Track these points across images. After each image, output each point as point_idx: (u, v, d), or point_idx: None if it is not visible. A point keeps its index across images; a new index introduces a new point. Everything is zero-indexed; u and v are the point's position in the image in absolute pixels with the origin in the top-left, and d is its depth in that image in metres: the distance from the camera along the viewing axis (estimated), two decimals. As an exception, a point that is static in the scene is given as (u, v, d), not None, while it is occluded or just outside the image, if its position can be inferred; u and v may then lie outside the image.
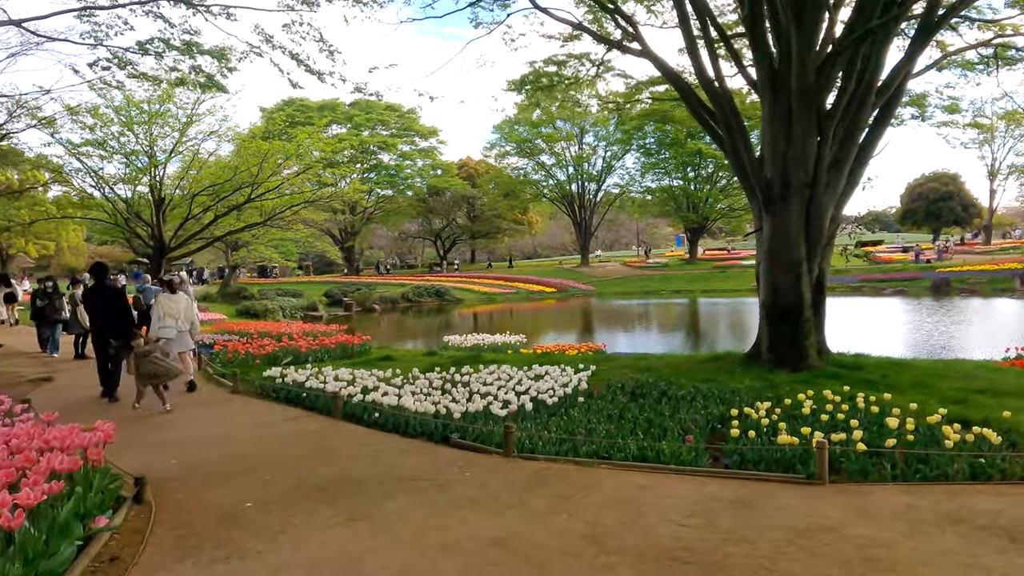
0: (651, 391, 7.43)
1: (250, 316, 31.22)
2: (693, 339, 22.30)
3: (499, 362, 10.97)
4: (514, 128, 61.96)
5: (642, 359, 11.37)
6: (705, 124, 10.74)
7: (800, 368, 9.27)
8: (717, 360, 10.40)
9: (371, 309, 39.54)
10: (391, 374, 8.48)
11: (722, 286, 48.27)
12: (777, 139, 9.30)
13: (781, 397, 7.10)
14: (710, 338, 22.44)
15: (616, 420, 6.24)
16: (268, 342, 12.12)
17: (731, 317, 30.51)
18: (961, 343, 18.00)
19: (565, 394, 7.17)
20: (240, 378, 8.92)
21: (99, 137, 18.10)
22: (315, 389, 7.41)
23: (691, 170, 58.44)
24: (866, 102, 9.13)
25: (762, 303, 9.88)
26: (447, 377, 8.27)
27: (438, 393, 7.26)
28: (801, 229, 9.40)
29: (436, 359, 11.31)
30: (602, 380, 8.45)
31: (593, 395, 7.40)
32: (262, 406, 7.46)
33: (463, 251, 78.22)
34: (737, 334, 23.10)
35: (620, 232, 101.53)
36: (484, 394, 7.16)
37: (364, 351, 12.60)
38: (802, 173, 9.22)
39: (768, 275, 9.69)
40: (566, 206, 63.01)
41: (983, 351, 13.29)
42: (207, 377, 9.87)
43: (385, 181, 61.37)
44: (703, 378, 8.77)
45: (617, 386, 7.67)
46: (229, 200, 21.58)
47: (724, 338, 22.15)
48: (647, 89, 14.97)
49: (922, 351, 16.70)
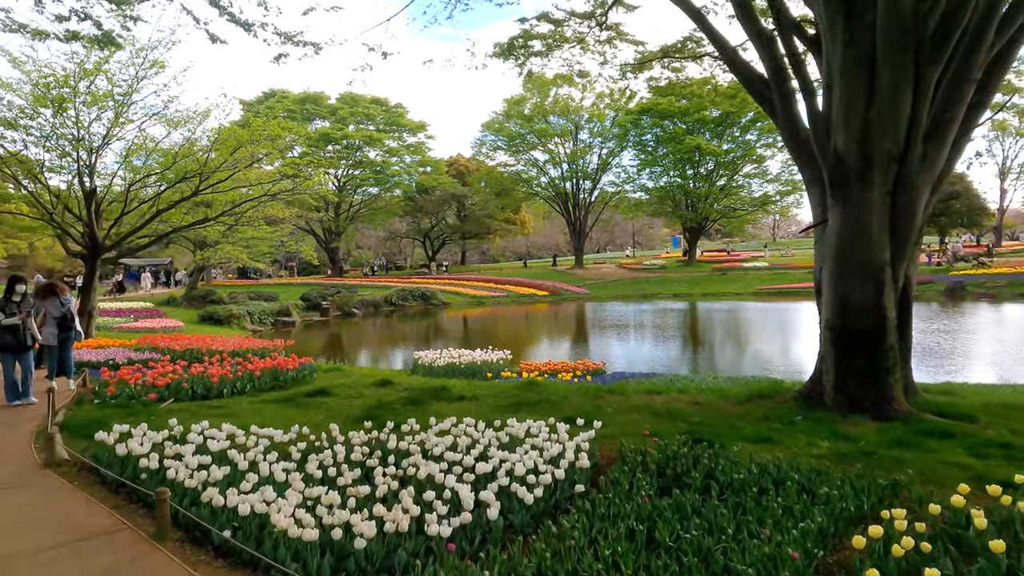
0: (688, 470, 4.75)
1: (213, 323, 28.43)
2: (706, 353, 19.65)
3: (468, 396, 8.27)
4: (504, 123, 59.21)
5: (657, 392, 8.68)
6: (747, 81, 8.05)
7: (885, 415, 6.62)
8: (762, 399, 7.72)
9: (351, 314, 36.73)
10: (294, 435, 5.56)
11: (722, 289, 45.85)
12: (853, 96, 6.62)
13: (898, 488, 4.44)
14: (726, 351, 19.80)
15: (644, 547, 3.56)
16: (175, 367, 9.41)
17: (739, 324, 27.90)
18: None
19: (555, 479, 4.48)
20: (66, 436, 6.00)
21: (8, 116, 15.28)
22: (149, 473, 4.62)
23: (690, 168, 55.83)
24: (985, 35, 6.43)
25: (826, 323, 7.21)
26: (379, 439, 5.52)
27: (352, 473, 4.56)
28: (884, 221, 6.75)
29: (387, 393, 8.60)
30: (610, 443, 5.76)
31: (599, 481, 4.73)
32: (65, 498, 4.50)
33: (453, 252, 75.38)
34: (754, 347, 20.48)
35: (615, 233, 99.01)
36: (425, 480, 4.46)
37: (300, 378, 9.89)
38: (889, 142, 6.55)
39: (835, 285, 7.03)
40: (560, 205, 60.27)
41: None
42: (35, 437, 6.10)
43: (371, 178, 58.37)
44: (754, 434, 6.09)
45: (635, 460, 4.96)
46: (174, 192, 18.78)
47: (741, 352, 19.50)
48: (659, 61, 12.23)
49: (993, 371, 14.15)
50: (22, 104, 15.28)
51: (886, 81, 6.41)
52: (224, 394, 8.72)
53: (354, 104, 57.24)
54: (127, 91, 17.35)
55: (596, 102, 57.49)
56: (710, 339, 23.53)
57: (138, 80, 17.33)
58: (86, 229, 17.84)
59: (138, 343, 14.26)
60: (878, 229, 6.72)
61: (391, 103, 59.52)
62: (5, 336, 7.96)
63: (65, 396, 8.29)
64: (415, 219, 64.35)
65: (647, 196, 59.40)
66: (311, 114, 56.57)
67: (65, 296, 9.19)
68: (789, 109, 7.38)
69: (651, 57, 11.95)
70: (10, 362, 8.14)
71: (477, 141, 63.73)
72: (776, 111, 7.58)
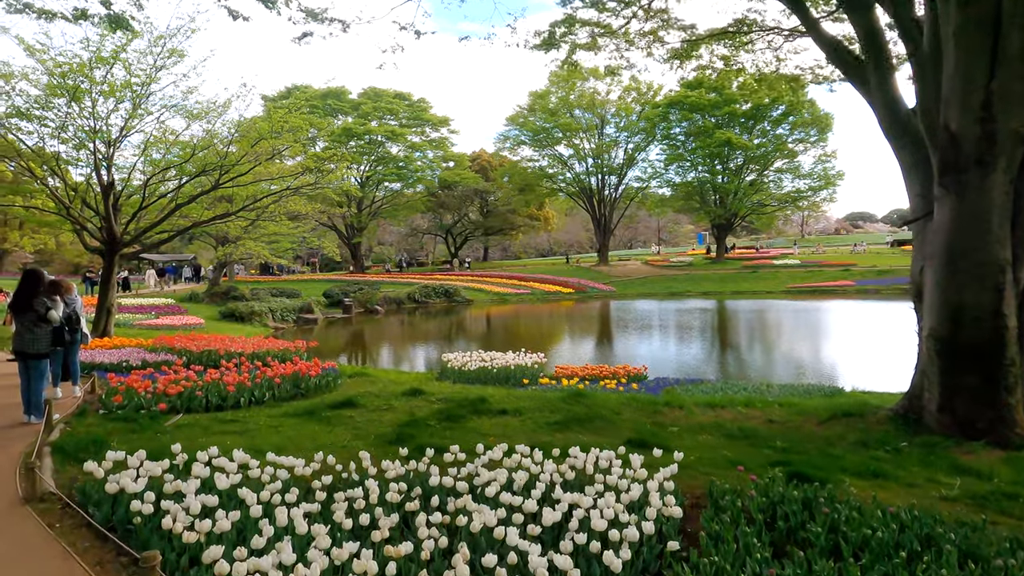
0: (802, 520, 3.82)
1: (234, 320, 27.90)
2: (750, 357, 18.58)
3: (510, 410, 7.38)
4: (529, 117, 58.19)
5: (720, 405, 7.72)
6: (835, 53, 7.04)
7: (1004, 441, 5.64)
8: (848, 418, 6.73)
9: (373, 311, 36.07)
10: (317, 464, 4.62)
11: (753, 287, 44.54)
12: (971, 64, 5.60)
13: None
14: (771, 356, 18.67)
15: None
16: (188, 374, 8.63)
17: (778, 326, 26.71)
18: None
19: (642, 534, 3.58)
20: (58, 460, 5.10)
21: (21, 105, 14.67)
22: (143, 518, 3.68)
23: (718, 163, 54.41)
24: None
25: (929, 332, 6.21)
26: (417, 471, 4.60)
27: (389, 520, 3.69)
28: (1007, 213, 5.74)
29: (419, 405, 7.74)
30: (690, 475, 4.83)
31: (688, 529, 3.82)
32: (39, 548, 3.62)
33: (475, 248, 74.54)
34: (801, 351, 19.34)
35: (638, 229, 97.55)
36: (480, 534, 3.58)
37: (323, 385, 9.07)
38: (1016, 119, 5.54)
39: (943, 288, 6.02)
40: (584, 201, 59.12)
41: None
42: (23, 461, 4.95)
43: (393, 174, 57.67)
44: (857, 466, 5.12)
45: (732, 505, 4.03)
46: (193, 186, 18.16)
47: (788, 357, 18.38)
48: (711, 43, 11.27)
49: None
50: (37, 95, 14.65)
51: (1014, 45, 5.40)
52: (241, 404, 7.92)
53: (377, 99, 56.64)
54: (145, 81, 16.70)
55: (623, 96, 56.32)
56: (750, 342, 22.42)
57: (156, 69, 16.67)
58: (103, 224, 17.26)
59: (154, 343, 13.58)
60: (999, 223, 5.71)
61: (414, 97, 58.84)
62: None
63: (69, 405, 7.55)
64: (437, 215, 63.64)
65: (673, 192, 58.10)
66: (333, 109, 56.03)
67: (71, 295, 8.44)
68: (885, 83, 6.38)
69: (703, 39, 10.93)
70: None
71: (501, 136, 62.85)
72: (870, 85, 6.57)
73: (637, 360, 15.53)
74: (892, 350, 18.42)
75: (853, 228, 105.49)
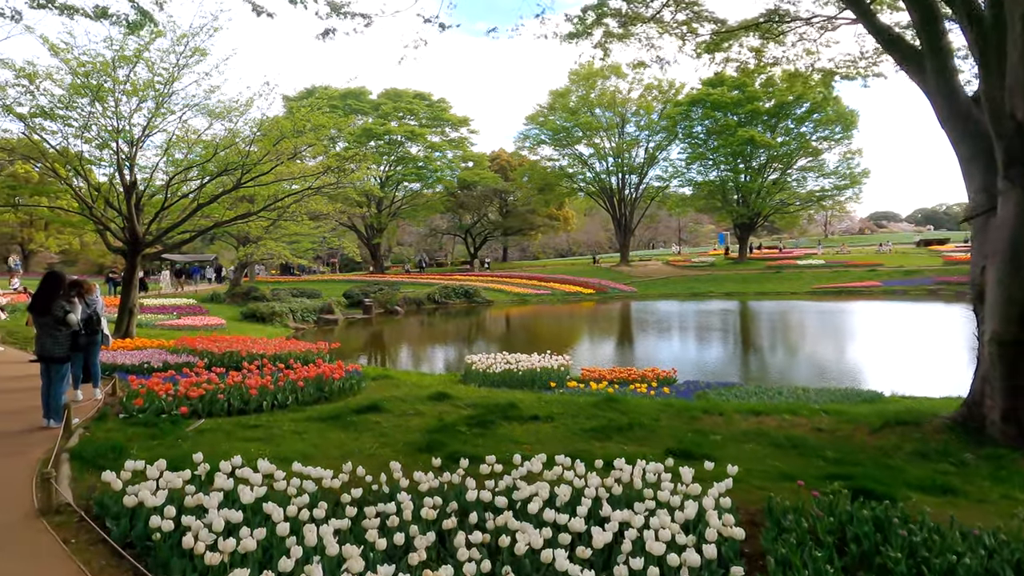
0: (877, 543, 3.48)
1: (255, 320, 27.89)
2: (780, 360, 18.11)
3: (542, 416, 7.09)
4: (549, 117, 57.85)
5: (764, 412, 7.35)
6: (888, 40, 6.66)
7: (1078, 454, 5.23)
8: (903, 426, 6.34)
9: (393, 311, 35.94)
10: (346, 475, 4.40)
11: (777, 288, 43.81)
12: (1042, 48, 5.22)
13: None
14: (801, 359, 18.17)
15: None
16: (210, 376, 8.45)
17: (806, 327, 26.14)
18: None
19: (703, 558, 3.26)
20: (76, 467, 4.93)
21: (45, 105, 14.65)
22: (162, 535, 3.40)
23: (740, 161, 53.62)
24: None
25: (992, 336, 5.81)
26: (451, 483, 4.31)
27: (425, 539, 3.41)
28: (1079, 209, 5.34)
29: (447, 410, 7.48)
30: (746, 492, 4.49)
31: (746, 550, 3.50)
32: (52, 567, 3.36)
33: (494, 248, 74.29)
34: (832, 353, 18.83)
35: (659, 229, 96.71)
36: (524, 556, 3.29)
37: (347, 388, 8.84)
38: (1091, 108, 5.15)
39: (1008, 289, 5.63)
40: (605, 200, 58.63)
41: None
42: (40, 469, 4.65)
43: (413, 174, 57.63)
44: (923, 480, 4.76)
45: (795, 525, 3.69)
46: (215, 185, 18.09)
47: (819, 360, 17.87)
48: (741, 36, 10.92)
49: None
50: (61, 94, 14.63)
51: (1091, 29, 5.01)
52: (264, 408, 7.72)
53: (397, 99, 56.62)
54: (168, 80, 16.63)
55: (644, 94, 55.78)
56: (778, 344, 21.92)
57: (179, 68, 16.60)
58: (126, 224, 17.23)
59: (176, 344, 13.47)
60: (1071, 219, 5.32)
61: (434, 98, 58.70)
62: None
63: (89, 408, 7.38)
64: (456, 215, 63.47)
65: (695, 191, 57.40)
66: (353, 109, 56.04)
67: (92, 296, 8.30)
68: (945, 70, 6.00)
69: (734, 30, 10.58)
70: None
71: (520, 135, 62.53)
72: (926, 72, 6.19)
73: (662, 362, 15.17)
74: (929, 352, 17.87)
75: (877, 228, 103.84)
